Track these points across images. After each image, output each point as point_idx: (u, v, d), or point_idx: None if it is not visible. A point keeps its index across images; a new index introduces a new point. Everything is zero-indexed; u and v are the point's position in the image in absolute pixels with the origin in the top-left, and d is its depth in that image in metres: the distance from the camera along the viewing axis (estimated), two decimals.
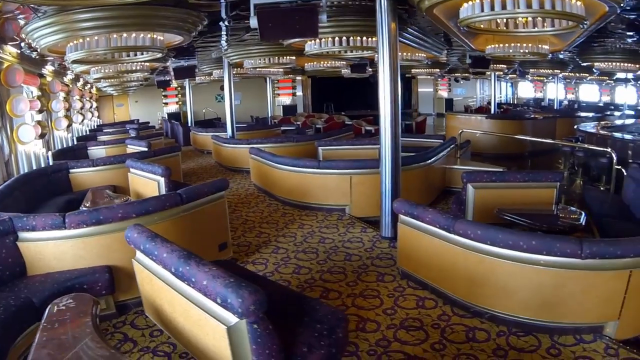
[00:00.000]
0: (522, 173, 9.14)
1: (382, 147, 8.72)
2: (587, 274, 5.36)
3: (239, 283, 3.94)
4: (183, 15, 8.98)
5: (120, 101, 34.91)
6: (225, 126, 19.14)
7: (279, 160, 11.91)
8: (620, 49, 15.80)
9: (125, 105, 35.17)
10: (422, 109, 39.49)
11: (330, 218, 10.52)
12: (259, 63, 15.60)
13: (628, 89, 34.70)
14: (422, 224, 6.64)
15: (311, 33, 7.86)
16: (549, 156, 19.05)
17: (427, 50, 14.18)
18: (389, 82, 8.37)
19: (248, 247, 9.01)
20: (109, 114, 34.73)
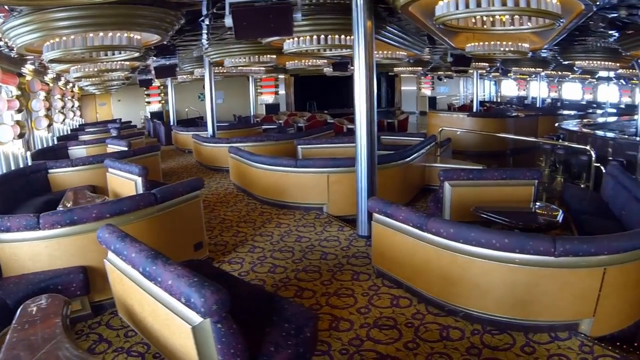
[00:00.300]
0: (499, 171, 9.12)
1: (358, 145, 8.68)
2: (561, 272, 5.35)
3: (202, 282, 3.90)
4: (160, 15, 8.85)
5: (102, 100, 34.56)
6: (206, 125, 18.95)
7: (256, 159, 11.85)
8: (601, 47, 15.79)
9: (107, 104, 34.86)
10: (405, 107, 39.38)
11: (307, 217, 10.48)
12: (240, 62, 15.48)
13: (610, 87, 34.81)
14: (395, 222, 6.60)
15: (286, 31, 7.81)
16: (531, 154, 19.03)
17: (408, 49, 14.12)
18: (365, 80, 8.33)
19: (225, 247, 8.96)
20: (92, 113, 34.38)
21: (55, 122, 20.36)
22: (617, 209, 8.53)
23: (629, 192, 8.13)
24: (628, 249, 5.29)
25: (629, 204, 7.94)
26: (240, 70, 21.35)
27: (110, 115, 34.29)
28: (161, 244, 6.99)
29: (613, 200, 8.92)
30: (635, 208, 7.55)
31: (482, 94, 43.47)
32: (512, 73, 29.21)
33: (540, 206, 8.63)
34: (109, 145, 15.65)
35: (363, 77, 8.33)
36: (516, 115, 23.46)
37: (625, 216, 7.99)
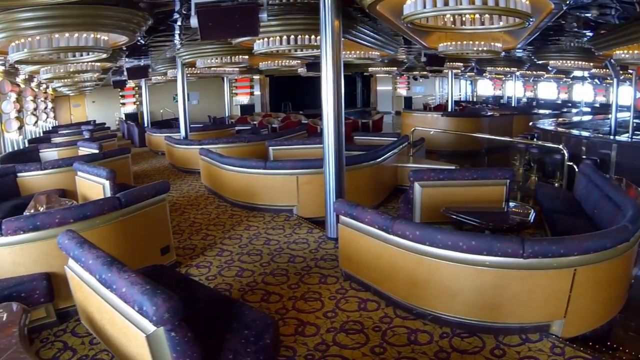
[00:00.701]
0: (470, 171, 9.02)
1: (326, 146, 8.56)
2: (531, 274, 5.28)
3: (155, 290, 3.77)
4: (127, 15, 8.72)
5: (77, 101, 34.16)
6: (179, 126, 18.75)
7: (226, 161, 11.70)
8: (575, 47, 15.81)
9: (82, 105, 34.44)
10: (381, 107, 39.41)
11: (277, 219, 10.36)
12: (212, 62, 15.33)
13: (585, 86, 35.06)
14: (361, 224, 6.50)
15: (252, 32, 7.66)
16: (505, 153, 19.05)
17: (381, 49, 14.02)
18: (332, 80, 8.23)
19: (193, 250, 8.81)
20: (66, 115, 33.95)
21: (27, 124, 20.05)
22: (590, 207, 8.47)
23: (601, 191, 8.06)
24: (598, 249, 5.23)
25: (600, 203, 7.87)
26: (214, 71, 21.21)
27: (84, 116, 33.80)
28: (126, 249, 6.94)
29: (585, 199, 8.87)
30: (607, 207, 7.48)
31: (458, 93, 43.79)
32: (487, 73, 29.29)
33: (512, 206, 8.56)
34: (81, 147, 15.39)
35: (330, 78, 8.21)
36: (491, 114, 23.48)
37: (597, 215, 7.92)
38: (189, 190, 13.76)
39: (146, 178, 16.19)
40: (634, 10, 9.41)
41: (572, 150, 13.23)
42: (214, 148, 14.63)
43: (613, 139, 14.98)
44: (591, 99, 34.77)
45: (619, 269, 5.71)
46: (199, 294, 5.35)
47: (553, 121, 19.70)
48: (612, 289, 5.75)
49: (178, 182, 14.94)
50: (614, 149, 13.77)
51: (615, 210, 7.09)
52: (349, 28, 10.60)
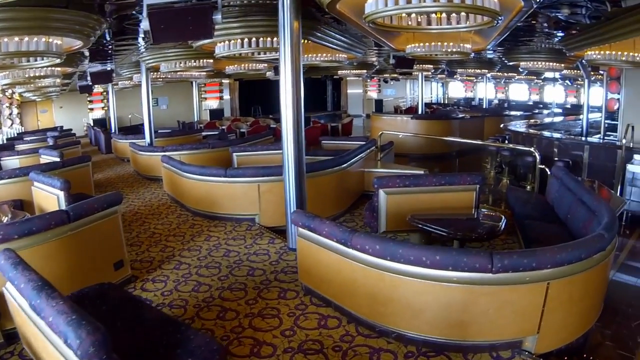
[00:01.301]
0: (438, 176, 8.68)
1: (285, 153, 8.17)
2: (501, 289, 4.96)
3: (80, 320, 3.40)
4: (81, 19, 8.33)
5: (44, 107, 33.57)
6: (144, 132, 18.29)
7: (186, 168, 11.30)
8: (546, 48, 15.62)
9: (49, 111, 33.86)
10: (351, 110, 39.38)
11: (238, 229, 9.99)
12: (176, 67, 14.91)
13: (556, 87, 35.22)
14: (319, 237, 6.12)
15: (206, 34, 7.21)
16: (477, 155, 18.83)
17: (348, 51, 13.66)
18: (291, 84, 7.85)
19: (150, 263, 8.40)
20: (33, 121, 33.23)
21: None
22: (563, 212, 8.17)
23: (574, 195, 7.77)
24: (573, 260, 4.93)
25: (574, 207, 7.57)
26: (180, 75, 20.83)
27: (52, 122, 33.19)
28: (75, 266, 6.59)
29: (558, 203, 8.57)
30: (581, 211, 7.18)
31: (429, 95, 43.82)
32: (458, 75, 29.16)
33: (482, 212, 8.23)
34: (42, 155, 14.86)
35: (289, 81, 7.83)
36: (462, 116, 23.27)
37: (571, 220, 7.62)
38: (152, 198, 13.35)
39: (109, 186, 15.71)
40: (605, 10, 9.17)
41: (544, 152, 13.03)
42: (177, 155, 14.28)
43: (585, 141, 14.83)
44: (562, 100, 34.94)
45: (595, 279, 5.43)
46: (144, 316, 4.97)
47: (524, 123, 19.55)
48: (588, 300, 5.47)
49: (141, 190, 14.53)
50: (586, 151, 13.56)
51: (589, 216, 6.80)
52: (313, 30, 10.26)
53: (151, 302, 6.79)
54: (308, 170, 8.85)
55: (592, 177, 12.73)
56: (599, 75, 19.24)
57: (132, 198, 13.48)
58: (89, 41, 9.11)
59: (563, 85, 34.98)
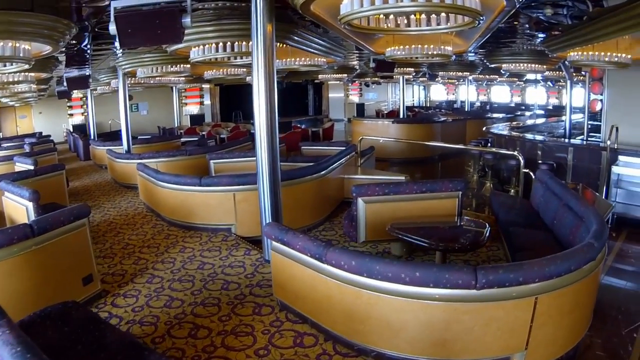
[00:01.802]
0: (418, 184, 8.34)
1: (259, 161, 7.87)
2: (486, 306, 4.67)
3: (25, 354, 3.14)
4: (48, 23, 7.99)
5: (23, 112, 33.41)
6: (121, 139, 17.91)
7: (161, 177, 10.95)
8: (528, 50, 15.43)
9: (28, 116, 33.69)
10: (333, 114, 39.16)
11: (214, 239, 9.67)
12: (152, 72, 14.58)
13: (538, 89, 35.26)
14: (293, 251, 5.82)
15: (174, 38, 6.89)
16: (460, 159, 18.63)
17: (327, 55, 13.39)
18: (265, 89, 7.54)
19: (123, 277, 8.08)
20: (12, 127, 33.26)
21: None
22: (549, 217, 7.89)
23: (560, 200, 7.50)
24: (562, 273, 4.67)
25: (560, 213, 7.29)
26: (159, 81, 20.45)
27: (31, 128, 33.12)
28: (41, 282, 6.31)
29: (544, 209, 8.30)
30: (567, 217, 6.91)
31: (411, 99, 43.75)
32: (440, 78, 28.99)
33: (465, 220, 7.96)
34: (17, 163, 14.53)
35: (262, 86, 7.53)
36: (444, 120, 23.07)
37: (557, 226, 7.33)
38: (128, 207, 13.02)
39: (86, 194, 15.38)
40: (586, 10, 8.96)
41: (528, 155, 12.80)
42: (154, 162, 13.98)
43: (568, 142, 14.64)
44: (544, 102, 34.99)
45: (585, 290, 5.18)
46: (107, 339, 4.67)
47: (507, 125, 19.34)
48: (578, 312, 5.21)
49: (118, 199, 14.21)
50: (570, 153, 13.34)
51: (576, 222, 6.53)
52: (290, 33, 9.99)
53: (121, 318, 6.52)
54: (285, 179, 8.63)
55: (577, 180, 12.54)
56: (581, 77, 19.17)
57: (107, 207, 13.17)
58: (58, 46, 8.79)
59: (545, 87, 35.04)
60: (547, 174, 8.75)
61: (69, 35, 8.71)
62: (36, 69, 12.59)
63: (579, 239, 5.96)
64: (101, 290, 7.38)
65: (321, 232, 10.06)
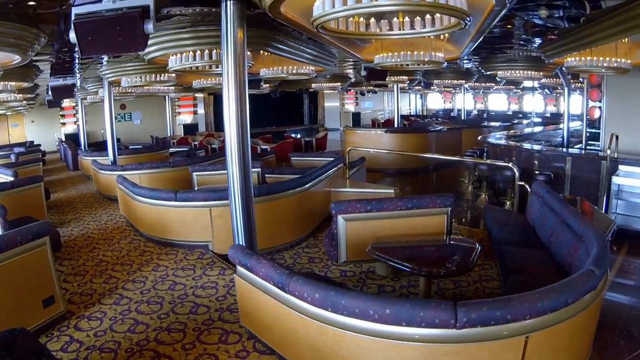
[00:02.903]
0: (404, 200, 7.77)
1: (230, 175, 7.33)
2: (468, 347, 4.08)
3: None
4: (15, 32, 7.65)
5: (15, 121, 33.30)
6: (107, 149, 17.40)
7: (137, 191, 10.44)
8: (524, 56, 14.96)
9: (20, 125, 33.63)
10: (329, 123, 38.85)
11: (190, 257, 9.18)
12: (136, 81, 14.09)
13: (535, 97, 34.94)
14: (257, 278, 5.27)
15: (136, 46, 6.30)
16: (454, 169, 18.17)
17: (314, 63, 12.87)
18: (235, 98, 7.05)
19: (91, 296, 7.61)
20: (4, 135, 33.12)
21: None
22: (545, 235, 7.32)
23: (557, 216, 6.95)
24: (557, 307, 4.10)
25: (558, 230, 6.73)
26: (147, 90, 19.99)
27: (23, 137, 33.09)
28: None
29: (540, 225, 7.75)
30: (566, 236, 6.36)
31: (408, 108, 43.39)
32: (435, 86, 28.51)
33: (455, 238, 7.43)
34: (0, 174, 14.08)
35: (233, 95, 7.03)
36: (439, 129, 22.59)
37: (555, 244, 6.78)
38: (108, 221, 12.52)
39: (68, 207, 14.89)
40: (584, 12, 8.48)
41: (524, 165, 12.28)
42: (136, 174, 13.57)
43: (566, 152, 14.10)
44: (542, 109, 34.70)
45: (583, 324, 4.61)
46: None
47: (503, 134, 18.85)
48: (575, 349, 4.67)
49: (99, 212, 13.71)
50: (568, 162, 12.81)
51: (575, 241, 5.99)
52: (270, 40, 9.46)
53: (82, 343, 6.08)
54: (265, 193, 8.32)
55: (576, 191, 12.12)
56: (579, 83, 18.71)
57: (87, 220, 12.70)
58: (27, 56, 8.42)
59: (542, 94, 34.75)
60: (543, 187, 8.20)
61: (38, 44, 8.36)
62: (16, 78, 12.28)
63: (577, 261, 5.49)
64: (65, 312, 6.93)
65: (304, 249, 9.53)
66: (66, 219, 13.01)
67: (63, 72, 16.28)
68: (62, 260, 9.33)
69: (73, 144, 26.16)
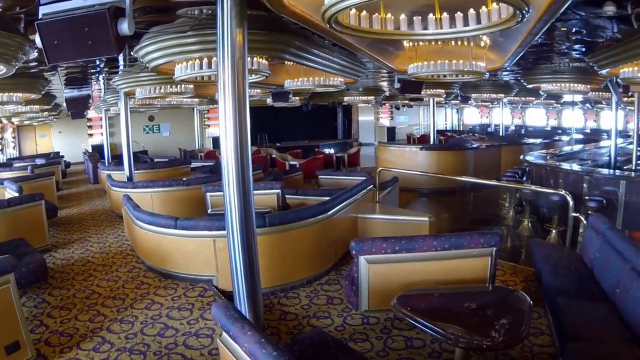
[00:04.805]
0: (440, 239, 6.31)
1: (227, 201, 6.07)
2: None
3: None
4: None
5: (42, 131, 33.75)
6: (123, 164, 16.31)
7: (137, 214, 9.28)
8: (570, 67, 13.67)
9: (48, 135, 34.17)
10: (363, 138, 37.97)
11: (190, 293, 8.01)
12: (151, 92, 12.99)
13: (575, 111, 33.66)
14: (241, 352, 3.83)
15: (108, 49, 5.05)
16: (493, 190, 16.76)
17: (341, 74, 11.69)
18: (232, 113, 5.82)
19: (70, 338, 6.60)
20: (32, 145, 33.65)
21: None
22: (609, 283, 5.90)
23: (626, 262, 5.54)
24: None
25: (626, 280, 5.33)
26: (169, 102, 19.14)
27: (50, 147, 33.17)
28: None
29: (601, 269, 6.32)
30: (638, 289, 5.02)
31: (444, 122, 42.46)
32: (473, 100, 27.29)
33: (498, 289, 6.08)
34: (7, 189, 13.28)
35: (230, 108, 5.79)
36: (476, 146, 21.28)
37: (622, 297, 5.36)
38: (112, 244, 11.49)
39: (76, 225, 14.03)
40: None
41: (572, 189, 10.81)
42: (148, 192, 12.65)
43: (621, 174, 12.64)
44: (581, 125, 33.43)
45: None
46: None
47: (545, 153, 17.50)
48: None
49: (107, 232, 12.74)
50: (621, 186, 11.39)
51: None
52: (287, 45, 8.27)
53: None
54: (278, 223, 7.30)
55: (630, 219, 10.81)
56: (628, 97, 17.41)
57: (92, 242, 11.74)
58: (12, 67, 7.58)
59: (582, 109, 33.37)
60: (604, 222, 6.79)
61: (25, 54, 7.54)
62: (22, 89, 11.85)
63: None
64: (33, 358, 6.01)
65: (323, 286, 8.26)
66: (70, 239, 12.12)
67: (77, 83, 15.37)
68: (52, 289, 8.48)
69: (97, 156, 25.67)
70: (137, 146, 30.05)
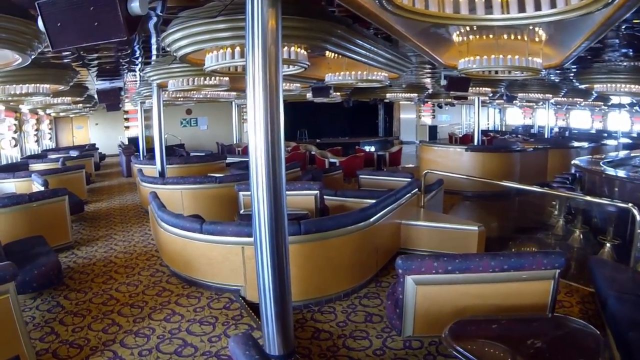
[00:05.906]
0: (498, 258, 5.34)
1: (255, 204, 5.26)
2: None
3: None
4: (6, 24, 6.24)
5: (79, 123, 34.14)
6: (155, 158, 15.66)
7: (161, 215, 8.58)
8: (626, 67, 12.69)
9: (85, 127, 34.46)
10: (404, 136, 37.54)
11: (215, 304, 7.27)
12: (184, 85, 12.34)
13: (622, 114, 32.49)
14: None
15: (116, 32, 4.34)
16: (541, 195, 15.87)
17: (386, 68, 10.93)
18: (264, 107, 4.98)
19: (80, 351, 5.98)
20: (68, 137, 33.98)
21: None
22: None
23: None
24: None
25: None
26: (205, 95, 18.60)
27: (87, 139, 33.41)
28: None
29: None
30: None
31: (486, 122, 41.73)
32: (518, 100, 26.34)
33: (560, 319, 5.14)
34: (34, 182, 13.02)
35: (261, 103, 4.97)
36: (522, 149, 20.38)
37: None
38: (138, 243, 10.90)
39: (104, 220, 13.61)
40: None
41: (629, 198, 9.83)
42: (178, 189, 12.08)
43: None
44: (628, 128, 32.27)
45: None
46: None
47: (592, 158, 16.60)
48: None
49: (133, 230, 12.21)
50: None
51: None
52: (329, 34, 7.47)
53: None
54: (314, 231, 6.64)
55: None
56: None
57: (117, 240, 11.21)
58: (27, 56, 6.99)
59: (629, 112, 32.13)
60: None
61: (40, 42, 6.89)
62: (50, 80, 11.48)
63: None
64: None
65: (362, 299, 7.47)
66: (95, 236, 11.61)
67: (109, 75, 14.83)
68: (69, 291, 7.96)
69: (132, 148, 25.29)
70: (174, 139, 29.75)
